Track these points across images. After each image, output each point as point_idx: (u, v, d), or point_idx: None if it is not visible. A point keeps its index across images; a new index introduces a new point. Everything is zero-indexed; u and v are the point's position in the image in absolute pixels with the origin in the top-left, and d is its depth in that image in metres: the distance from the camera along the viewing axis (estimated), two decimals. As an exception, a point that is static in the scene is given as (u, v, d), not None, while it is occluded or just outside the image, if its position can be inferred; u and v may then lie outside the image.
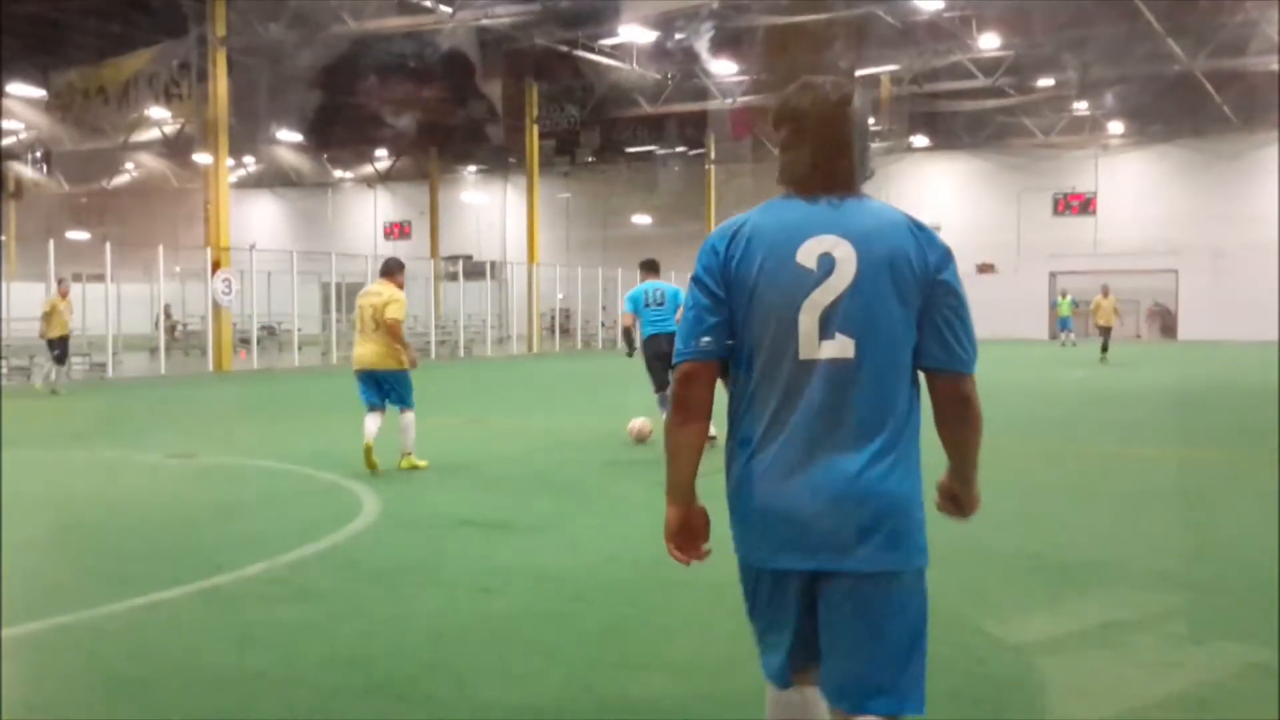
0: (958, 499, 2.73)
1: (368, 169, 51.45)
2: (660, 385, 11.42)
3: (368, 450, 9.80)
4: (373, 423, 10.07)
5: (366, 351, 10.21)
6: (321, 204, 53.39)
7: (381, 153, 49.44)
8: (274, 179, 51.81)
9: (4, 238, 41.09)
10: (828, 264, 2.48)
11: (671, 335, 10.52)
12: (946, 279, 2.52)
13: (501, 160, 47.09)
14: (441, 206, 49.71)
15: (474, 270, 39.47)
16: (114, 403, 18.56)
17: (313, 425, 15.24)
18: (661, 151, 46.00)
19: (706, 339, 2.56)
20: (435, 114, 38.27)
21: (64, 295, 20.07)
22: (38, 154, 38.41)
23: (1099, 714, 4.27)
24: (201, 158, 32.19)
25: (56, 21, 29.25)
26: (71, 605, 5.79)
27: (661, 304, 11.74)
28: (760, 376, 2.55)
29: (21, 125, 38.13)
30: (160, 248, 27.62)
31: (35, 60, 31.24)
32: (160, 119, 32.31)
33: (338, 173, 51.81)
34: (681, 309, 3.15)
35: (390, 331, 10.07)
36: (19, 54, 30.90)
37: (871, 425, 2.49)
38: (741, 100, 37.43)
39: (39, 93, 33.06)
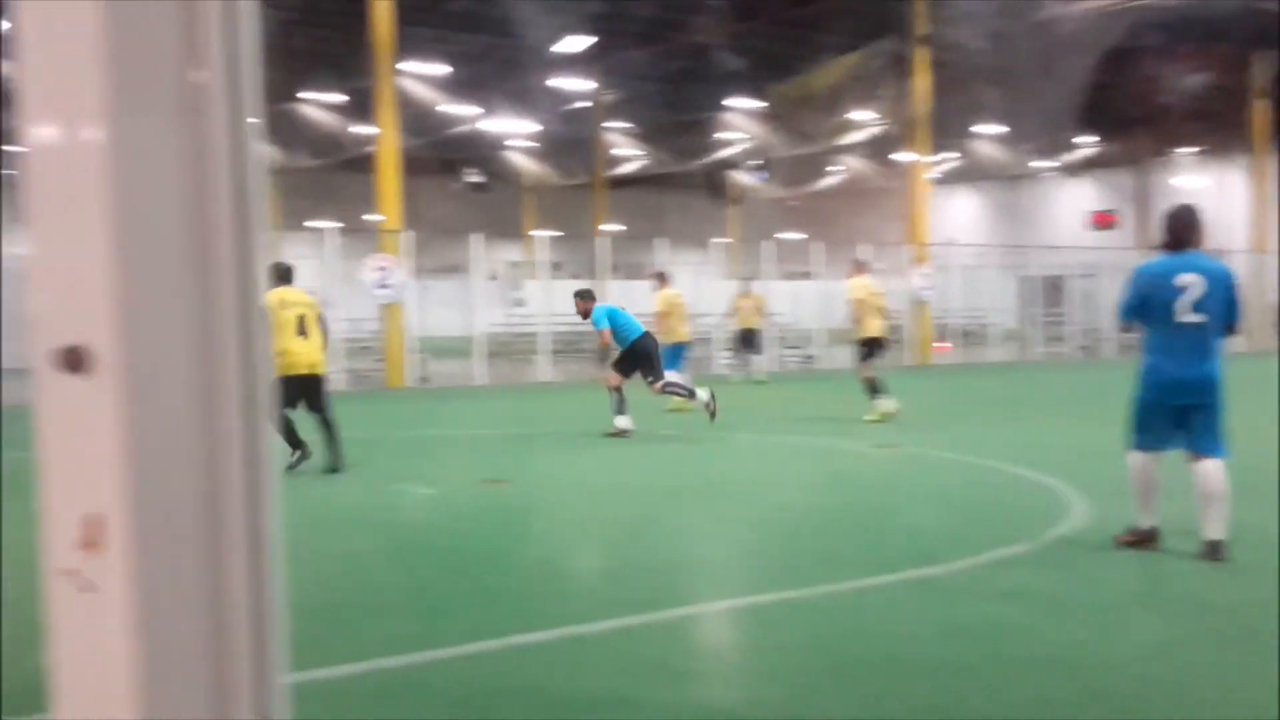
0: None
1: (1070, 157, 49.79)
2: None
3: None
4: None
5: None
6: (1020, 196, 52.65)
7: (1086, 139, 47.59)
8: (973, 173, 51.95)
9: (727, 240, 45.37)
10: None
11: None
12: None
13: (1222, 139, 43.17)
14: (1151, 193, 46.76)
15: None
16: (822, 392, 19.69)
17: (1011, 420, 15.03)
18: None
19: None
20: (1145, 94, 36.00)
21: (747, 295, 21.31)
22: (756, 161, 41.88)
23: None
24: (903, 156, 33.17)
25: (773, 36, 31.68)
26: (793, 582, 6.17)
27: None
28: None
29: (744, 135, 41.82)
30: (864, 245, 28.86)
31: (755, 74, 34.06)
32: (864, 121, 33.73)
33: (1038, 163, 50.70)
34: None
35: None
36: (741, 70, 33.93)
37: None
38: None
39: (758, 104, 36.02)
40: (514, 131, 41.28)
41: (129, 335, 0.93)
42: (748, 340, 21.18)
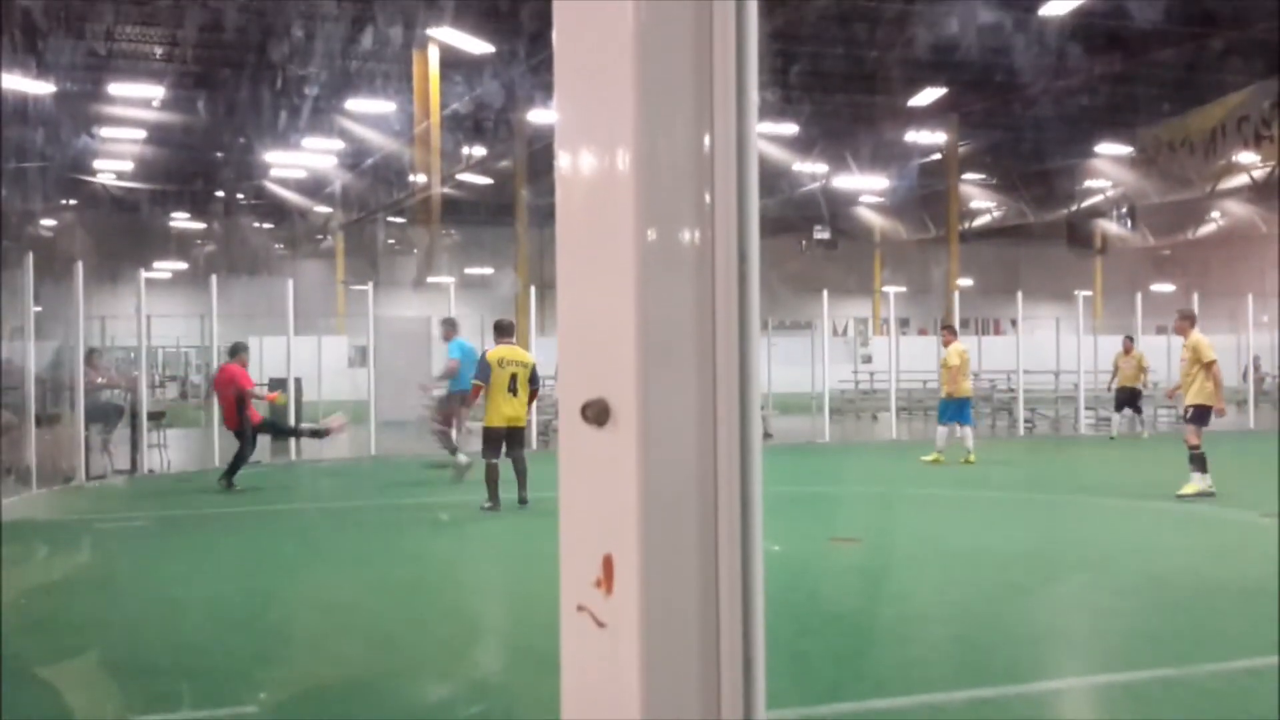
0: None
1: None
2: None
3: None
4: None
5: None
6: None
7: None
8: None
9: (1090, 292, 43.18)
10: None
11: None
12: None
13: None
14: None
15: None
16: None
17: None
18: None
19: None
20: None
21: (1128, 350, 20.43)
22: (1123, 209, 39.69)
23: None
24: (1292, 200, 30.53)
25: (1135, 78, 30.05)
26: (1170, 659, 5.71)
27: None
28: None
29: (1109, 183, 39.82)
30: (1249, 297, 26.64)
31: (1123, 118, 32.42)
32: (1248, 164, 31.29)
33: None
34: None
35: None
36: (1107, 115, 32.36)
37: None
38: None
39: (1126, 150, 34.20)
40: (863, 188, 41.16)
41: (645, 393, 1.05)
42: (1128, 399, 20.26)
